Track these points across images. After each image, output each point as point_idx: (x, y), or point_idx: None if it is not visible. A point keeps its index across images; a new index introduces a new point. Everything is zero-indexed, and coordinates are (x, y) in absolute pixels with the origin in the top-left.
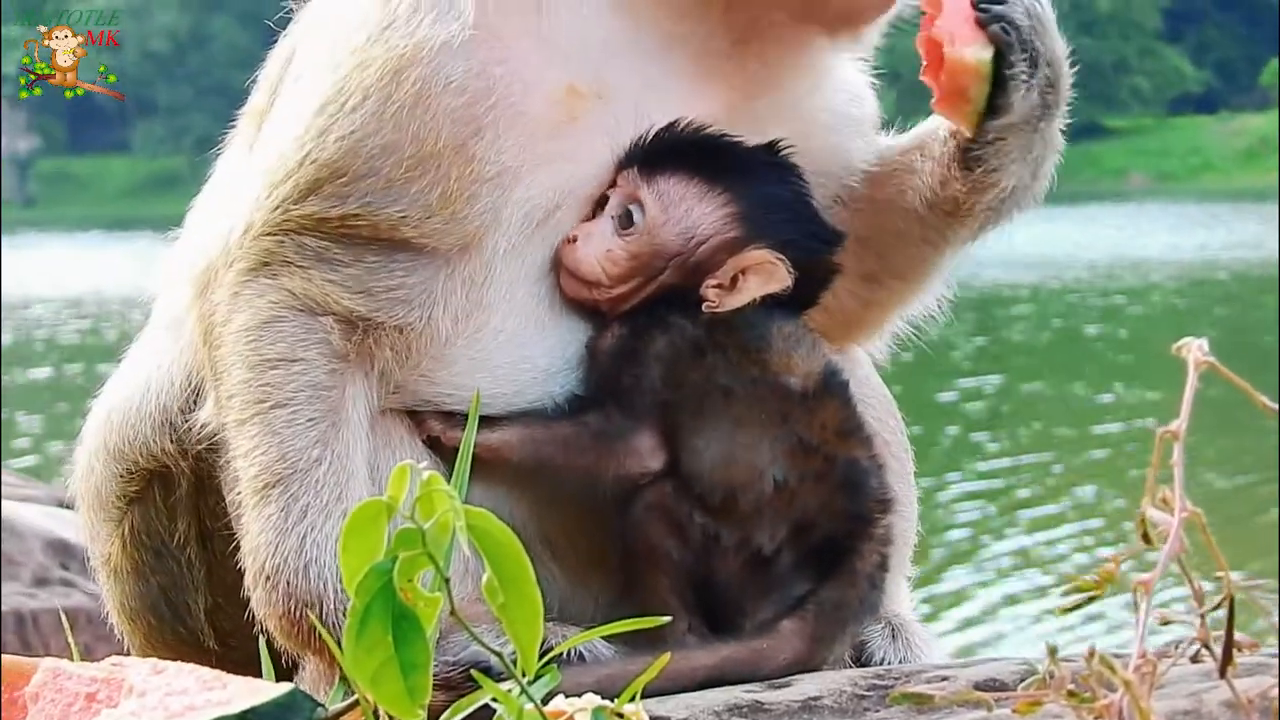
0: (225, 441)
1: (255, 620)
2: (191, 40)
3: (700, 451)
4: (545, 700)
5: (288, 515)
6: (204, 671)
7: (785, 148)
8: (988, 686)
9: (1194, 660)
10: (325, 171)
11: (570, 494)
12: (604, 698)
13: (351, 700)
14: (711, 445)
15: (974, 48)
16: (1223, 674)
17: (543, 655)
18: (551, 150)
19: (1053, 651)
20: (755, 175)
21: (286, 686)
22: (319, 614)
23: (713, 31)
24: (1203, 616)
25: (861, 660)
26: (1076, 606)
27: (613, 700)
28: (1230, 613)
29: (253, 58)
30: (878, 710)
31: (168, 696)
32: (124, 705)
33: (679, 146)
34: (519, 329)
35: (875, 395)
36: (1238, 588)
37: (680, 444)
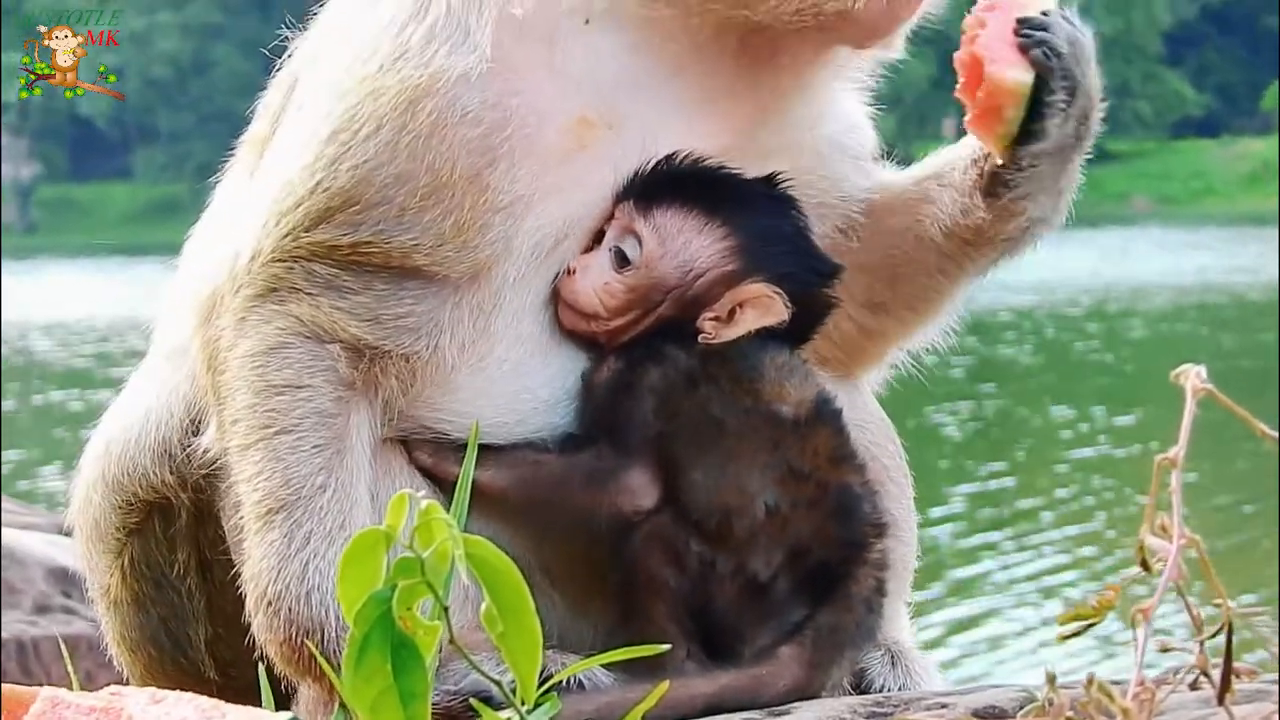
0: (227, 467)
1: (256, 649)
2: (193, 67)
3: (694, 480)
4: None
5: (290, 541)
6: (202, 700)
7: (783, 180)
8: (987, 714)
9: (1193, 687)
10: (338, 200)
11: (562, 529)
12: None
13: None
14: (705, 474)
15: (1015, 70)
16: (1221, 701)
17: (542, 683)
18: (562, 179)
19: (1051, 679)
20: (753, 208)
21: (285, 716)
22: (320, 641)
23: (726, 61)
24: (1201, 643)
25: (861, 687)
26: (1076, 634)
27: None
28: (1229, 640)
29: (254, 85)
30: None
31: None
32: None
33: (677, 179)
34: (523, 359)
35: (873, 420)
36: (1236, 615)
37: (675, 474)
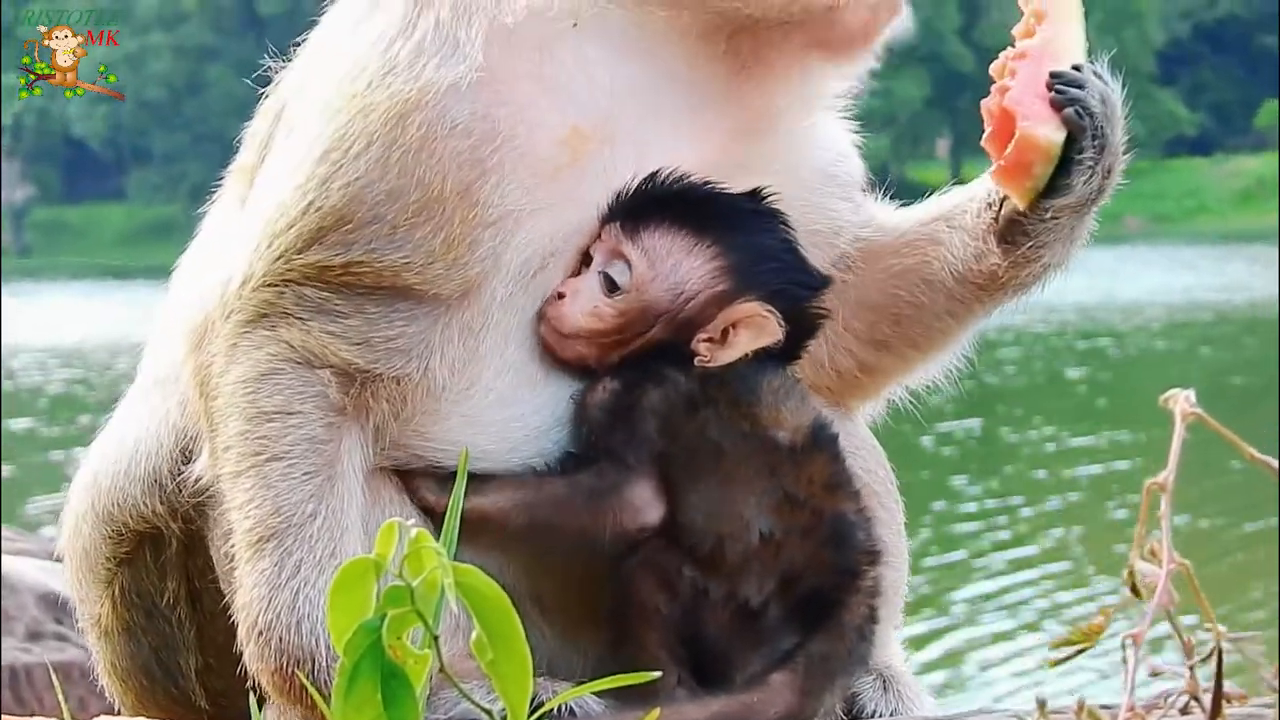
0: (219, 494)
1: (247, 679)
2: (187, 89)
3: (690, 504)
4: None
5: (281, 570)
6: None
7: (768, 194)
8: None
9: (1183, 712)
10: (330, 219)
11: (563, 552)
12: None
13: None
14: (699, 498)
15: (1048, 127)
16: None
17: (533, 711)
18: (554, 193)
19: (1042, 705)
20: (741, 225)
21: None
22: (311, 670)
23: (715, 69)
24: (1191, 668)
25: (853, 713)
26: (1066, 659)
27: None
28: (1219, 664)
29: (248, 106)
30: None
31: None
32: None
33: (662, 199)
34: (511, 385)
35: (865, 445)
36: (1226, 639)
37: (672, 497)
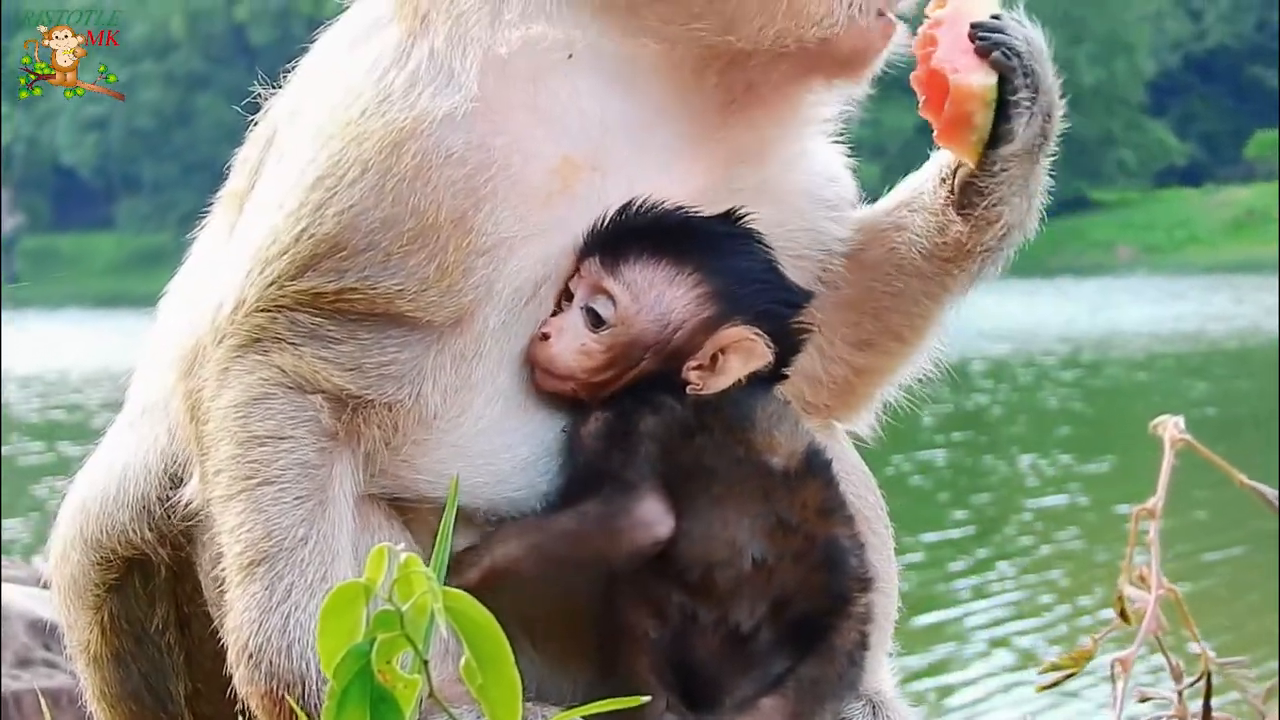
0: (210, 519)
1: (236, 704)
2: (177, 117)
3: (684, 530)
4: None
5: (272, 594)
6: None
7: (743, 214)
8: None
9: None
10: (324, 246)
11: (577, 582)
12: None
13: None
14: (692, 524)
15: (978, 74)
16: None
17: None
18: (545, 221)
19: None
20: (719, 249)
21: None
22: (301, 694)
23: (706, 101)
24: (1180, 693)
25: None
26: (1054, 684)
27: None
28: (1207, 689)
29: (238, 135)
30: None
31: None
32: None
33: (639, 230)
34: (501, 416)
35: (854, 471)
36: (1215, 664)
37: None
